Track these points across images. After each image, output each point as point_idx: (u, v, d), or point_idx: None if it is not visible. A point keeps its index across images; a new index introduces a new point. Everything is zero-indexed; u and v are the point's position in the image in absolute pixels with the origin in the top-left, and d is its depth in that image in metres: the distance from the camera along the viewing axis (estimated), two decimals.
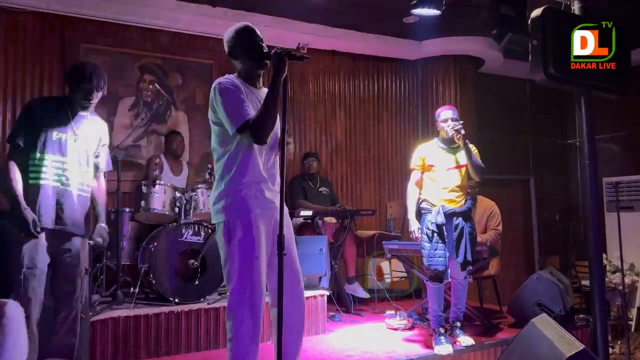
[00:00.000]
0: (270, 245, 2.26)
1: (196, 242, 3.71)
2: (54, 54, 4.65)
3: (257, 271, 2.18)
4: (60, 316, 2.63)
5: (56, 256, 2.62)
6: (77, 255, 2.68)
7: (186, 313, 3.46)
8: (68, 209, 2.62)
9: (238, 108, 2.17)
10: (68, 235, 2.64)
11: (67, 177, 2.62)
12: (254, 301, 2.18)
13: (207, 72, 5.29)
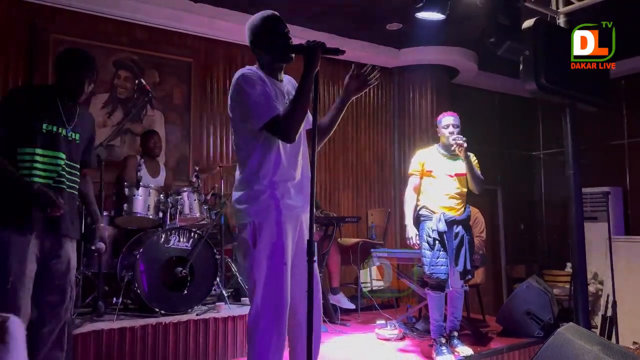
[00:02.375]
0: (294, 249, 2.10)
1: (183, 249, 3.48)
2: (22, 43, 4.30)
3: (285, 278, 2.02)
4: (45, 330, 2.36)
5: (44, 263, 2.35)
6: (67, 261, 2.42)
7: (174, 325, 3.22)
8: (65, 210, 2.37)
9: (265, 103, 2.01)
10: (59, 238, 2.39)
11: (59, 174, 2.36)
12: (279, 310, 2.02)
13: (186, 70, 5.06)
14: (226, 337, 3.40)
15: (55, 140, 2.36)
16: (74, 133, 2.44)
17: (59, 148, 2.38)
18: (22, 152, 2.29)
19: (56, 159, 2.36)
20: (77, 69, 2.40)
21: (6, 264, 2.22)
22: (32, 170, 2.30)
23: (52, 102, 2.40)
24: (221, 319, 3.39)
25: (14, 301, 2.23)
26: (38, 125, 2.32)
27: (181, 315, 3.34)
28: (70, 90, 2.41)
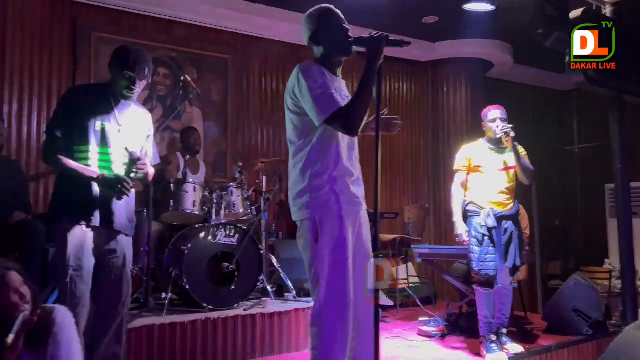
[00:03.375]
0: (353, 245, 2.08)
1: (230, 244, 3.49)
2: (64, 42, 4.37)
3: (348, 273, 2.01)
4: (104, 323, 2.39)
5: (101, 257, 2.38)
6: (123, 256, 2.45)
7: (223, 320, 3.23)
8: (116, 206, 2.39)
9: (326, 96, 1.99)
10: (114, 234, 2.41)
11: (112, 170, 2.39)
12: (343, 306, 2.00)
13: (223, 67, 5.08)
14: (272, 333, 3.40)
15: (108, 138, 2.38)
16: (127, 130, 2.46)
17: (112, 145, 2.39)
18: (78, 150, 2.32)
19: (109, 156, 2.37)
20: (130, 65, 2.41)
21: (65, 258, 2.26)
22: (89, 167, 2.33)
23: (106, 99, 2.41)
24: (268, 314, 3.39)
25: (73, 295, 2.26)
26: (92, 123, 2.35)
27: (228, 310, 3.35)
28: (121, 88, 2.42)
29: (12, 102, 4.11)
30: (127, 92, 2.41)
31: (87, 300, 2.31)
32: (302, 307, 3.54)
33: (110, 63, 2.45)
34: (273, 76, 5.41)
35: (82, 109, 2.34)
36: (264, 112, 5.33)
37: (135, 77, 2.38)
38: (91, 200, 2.31)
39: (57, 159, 2.28)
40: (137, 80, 2.39)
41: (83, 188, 2.30)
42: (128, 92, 2.41)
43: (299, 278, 3.92)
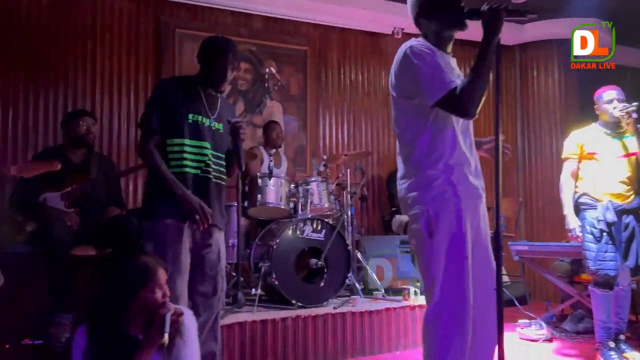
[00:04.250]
0: (472, 242, 1.88)
1: (317, 240, 3.38)
2: (149, 39, 4.43)
3: (466, 272, 1.81)
4: (199, 321, 2.32)
5: (196, 252, 2.33)
6: (217, 251, 2.39)
7: (313, 318, 3.13)
8: (210, 199, 2.32)
9: (438, 75, 1.79)
10: (208, 229, 2.35)
11: (206, 164, 2.32)
12: (461, 308, 1.81)
13: (302, 59, 4.98)
14: (363, 333, 3.25)
15: (200, 131, 2.32)
16: (217, 123, 2.40)
17: (205, 138, 2.33)
18: (172, 143, 2.28)
19: (203, 149, 2.32)
20: (218, 56, 2.34)
21: (163, 253, 2.21)
22: (182, 160, 2.28)
23: (196, 92, 2.36)
24: (358, 313, 3.25)
25: (173, 291, 2.20)
26: (184, 115, 2.29)
27: (318, 308, 3.23)
28: (213, 78, 2.35)
29: (103, 100, 4.22)
30: (218, 83, 2.34)
31: (185, 297, 2.26)
32: (393, 307, 3.37)
33: (199, 54, 2.40)
34: (352, 67, 5.25)
35: (174, 101, 2.30)
36: (343, 105, 5.18)
37: (227, 67, 2.30)
38: (189, 190, 2.25)
39: (152, 158, 2.24)
40: (228, 70, 2.31)
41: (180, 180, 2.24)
42: (220, 82, 2.34)
43: (386, 275, 3.75)
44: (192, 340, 1.83)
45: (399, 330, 3.36)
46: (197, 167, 2.30)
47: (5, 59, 3.91)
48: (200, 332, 2.33)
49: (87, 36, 4.20)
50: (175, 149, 2.27)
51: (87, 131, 3.22)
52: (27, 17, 4.01)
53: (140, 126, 2.35)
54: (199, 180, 2.30)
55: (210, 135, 2.35)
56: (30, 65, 3.99)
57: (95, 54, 4.21)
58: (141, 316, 1.74)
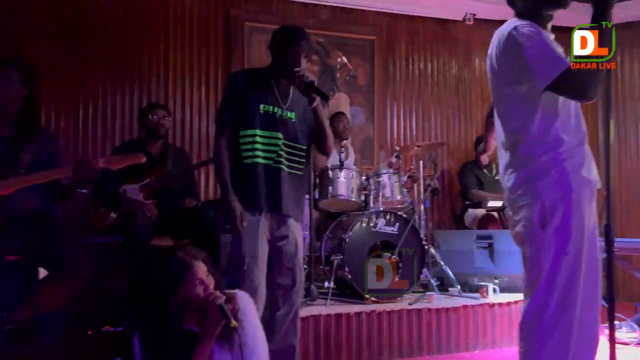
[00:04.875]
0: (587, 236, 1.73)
1: (391, 234, 3.29)
2: (219, 33, 4.47)
3: (580, 269, 1.68)
4: (279, 313, 2.32)
5: (273, 244, 2.31)
6: (295, 243, 2.36)
7: (388, 313, 3.05)
8: (283, 190, 2.29)
9: (549, 54, 1.65)
10: (284, 219, 2.32)
11: (278, 154, 2.29)
12: (570, 307, 1.68)
13: (369, 49, 4.88)
14: (439, 330, 3.14)
15: (272, 121, 2.31)
16: (290, 112, 2.37)
17: (277, 128, 2.31)
18: (244, 135, 2.27)
19: (275, 139, 2.30)
20: (291, 45, 2.29)
21: (240, 245, 2.20)
22: (254, 151, 2.26)
23: (267, 82, 2.35)
24: (434, 309, 3.14)
25: (251, 283, 2.20)
26: (256, 106, 2.28)
27: (392, 303, 3.16)
28: (283, 69, 2.31)
29: (175, 95, 4.31)
30: (291, 72, 2.30)
31: (263, 289, 2.25)
32: (471, 304, 3.24)
33: (271, 44, 2.37)
34: (421, 56, 5.09)
35: (245, 93, 2.30)
36: (412, 94, 5.04)
37: (299, 55, 2.26)
38: (259, 185, 2.24)
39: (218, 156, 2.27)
40: (301, 59, 2.27)
41: (250, 174, 2.24)
42: (293, 72, 2.29)
43: (461, 271, 3.61)
44: (250, 323, 1.79)
45: (477, 328, 3.22)
46: (269, 158, 2.28)
47: (84, 55, 4.05)
48: (280, 325, 2.32)
49: (160, 31, 4.29)
50: (247, 140, 2.27)
51: (158, 123, 3.29)
52: (104, 13, 4.14)
53: (215, 121, 2.38)
54: (270, 170, 2.28)
55: (283, 125, 2.33)
56: (107, 61, 4.12)
57: (168, 48, 4.30)
58: (190, 311, 1.73)
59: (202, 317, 1.69)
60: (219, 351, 1.69)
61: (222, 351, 1.72)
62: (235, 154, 2.29)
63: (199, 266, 1.74)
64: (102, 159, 2.31)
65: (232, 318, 1.64)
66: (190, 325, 1.72)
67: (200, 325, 1.69)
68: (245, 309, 1.80)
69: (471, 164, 4.72)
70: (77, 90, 4.05)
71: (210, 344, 1.66)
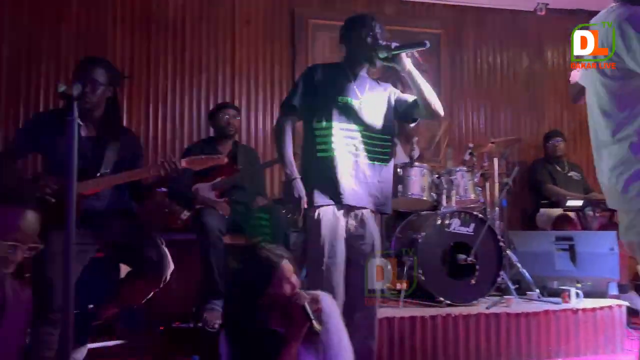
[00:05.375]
0: None
1: (466, 234, 3.16)
2: (283, 31, 4.47)
3: None
4: (356, 316, 2.24)
5: (350, 244, 2.25)
6: (372, 243, 2.29)
7: (464, 317, 2.93)
8: (362, 183, 2.23)
9: None
10: (361, 216, 2.26)
11: (356, 147, 2.23)
12: None
13: (435, 43, 4.70)
14: (519, 336, 2.99)
15: (350, 112, 2.25)
16: (368, 102, 2.31)
17: (355, 120, 2.26)
18: (319, 127, 2.23)
19: (352, 132, 2.24)
20: (369, 30, 2.24)
21: (318, 244, 2.15)
22: (330, 144, 2.21)
23: (344, 74, 2.30)
24: (513, 314, 2.99)
25: (329, 283, 2.15)
26: (333, 98, 2.24)
27: (468, 307, 3.03)
28: (360, 59, 2.27)
29: (241, 95, 4.34)
30: (366, 63, 2.24)
31: (342, 290, 2.19)
32: (553, 309, 3.06)
33: (342, 35, 2.34)
34: (489, 49, 4.89)
35: (323, 84, 2.26)
36: (480, 89, 4.86)
37: (375, 37, 2.20)
38: (337, 178, 2.18)
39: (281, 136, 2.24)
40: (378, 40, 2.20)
41: (327, 167, 2.19)
42: (367, 62, 2.23)
43: (540, 274, 3.43)
44: (334, 326, 1.73)
45: (559, 335, 3.05)
46: (346, 150, 2.23)
47: (154, 55, 4.15)
48: (357, 327, 2.25)
49: (227, 30, 4.33)
50: (323, 132, 2.23)
51: (228, 123, 3.32)
52: (173, 14, 4.22)
53: (281, 106, 2.38)
54: (347, 163, 2.22)
55: (361, 116, 2.27)
56: (176, 61, 4.20)
57: (234, 48, 4.34)
58: (276, 311, 1.69)
59: (286, 317, 1.66)
60: (304, 354, 1.65)
61: (308, 354, 1.68)
62: (310, 146, 2.25)
63: (286, 265, 1.71)
64: (185, 160, 2.34)
65: (316, 320, 1.59)
66: (275, 326, 1.69)
67: (285, 326, 1.66)
68: (329, 311, 1.75)
69: (543, 161, 4.50)
70: (147, 89, 4.15)
71: (296, 345, 1.63)
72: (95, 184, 2.24)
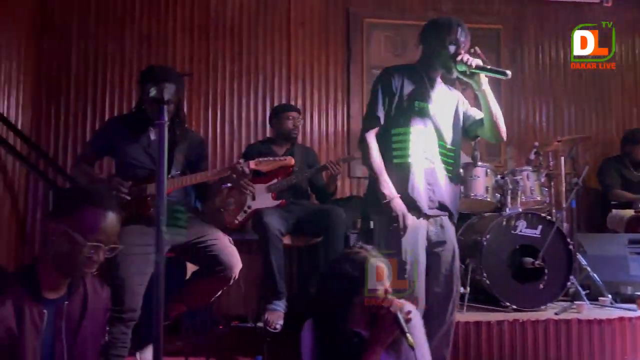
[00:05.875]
0: None
1: (533, 237, 3.05)
2: (338, 33, 4.44)
3: None
4: (433, 323, 2.18)
5: (430, 251, 2.20)
6: (452, 249, 2.24)
7: (532, 323, 2.82)
8: (440, 190, 2.18)
9: None
10: (441, 222, 2.22)
11: (432, 153, 2.20)
12: None
13: (494, 39, 4.60)
14: (592, 344, 2.85)
15: (427, 118, 2.20)
16: (442, 107, 2.27)
17: (431, 125, 2.21)
18: (397, 133, 2.19)
19: (428, 137, 2.20)
20: (446, 35, 2.18)
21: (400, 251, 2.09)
22: (407, 150, 2.16)
23: (419, 78, 2.24)
24: (585, 321, 2.85)
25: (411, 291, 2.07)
26: (410, 104, 2.19)
27: (536, 312, 2.92)
28: (439, 62, 2.21)
29: (297, 96, 4.36)
30: (447, 66, 2.18)
31: (424, 297, 2.12)
32: (628, 316, 2.90)
33: (424, 36, 2.27)
34: (552, 44, 4.70)
35: (401, 89, 2.20)
36: (542, 86, 4.67)
37: (458, 45, 2.13)
38: (415, 186, 2.14)
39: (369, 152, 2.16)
40: (461, 49, 2.14)
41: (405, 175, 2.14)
42: (448, 64, 2.17)
43: (613, 280, 3.26)
44: (420, 339, 1.68)
45: (635, 344, 2.88)
46: (423, 156, 2.18)
47: (213, 59, 4.23)
48: (433, 335, 2.17)
49: (282, 33, 4.35)
50: (400, 139, 2.18)
51: (294, 125, 3.33)
52: (231, 19, 4.28)
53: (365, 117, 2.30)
54: (426, 170, 2.18)
55: (436, 121, 2.22)
56: (234, 64, 4.26)
57: (290, 50, 4.35)
58: (363, 312, 1.66)
59: (372, 321, 1.63)
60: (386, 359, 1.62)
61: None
62: (386, 152, 2.19)
63: (382, 268, 1.68)
64: (253, 162, 2.36)
65: (409, 334, 1.55)
66: (360, 327, 1.67)
67: (370, 329, 1.63)
68: (416, 325, 1.71)
69: (614, 161, 4.25)
70: (207, 93, 4.23)
71: (380, 351, 1.59)
72: (169, 185, 2.29)
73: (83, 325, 1.57)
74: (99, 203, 1.52)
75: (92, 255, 1.49)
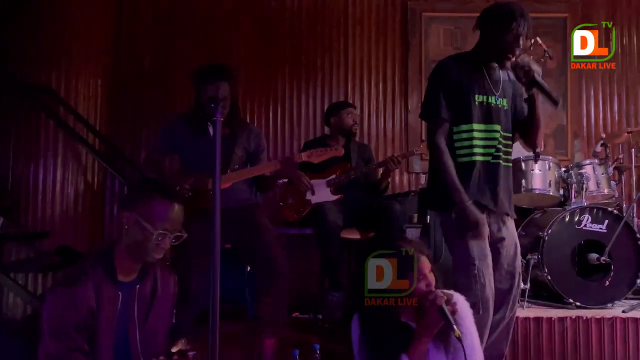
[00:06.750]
0: None
1: (598, 232, 2.93)
2: (396, 28, 4.45)
3: None
4: (495, 318, 2.16)
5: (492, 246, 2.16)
6: (513, 245, 2.21)
7: (597, 321, 2.72)
8: (501, 187, 2.15)
9: None
10: (503, 219, 2.19)
11: (496, 148, 2.14)
12: None
13: (560, 28, 4.43)
14: None
15: (488, 112, 2.13)
16: (502, 99, 2.18)
17: (493, 119, 2.14)
18: (459, 130, 2.13)
19: (492, 132, 2.13)
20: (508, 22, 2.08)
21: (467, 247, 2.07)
22: (472, 148, 2.11)
23: (478, 69, 2.16)
24: None
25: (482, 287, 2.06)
26: (470, 98, 2.11)
27: (602, 310, 2.82)
28: (502, 49, 2.08)
29: (354, 93, 4.41)
30: (508, 54, 2.07)
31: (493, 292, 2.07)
32: None
33: (483, 22, 2.16)
34: (624, 30, 4.45)
35: (459, 84, 2.13)
36: (612, 75, 4.44)
37: (519, 33, 2.06)
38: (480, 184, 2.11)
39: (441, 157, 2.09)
40: (520, 38, 2.07)
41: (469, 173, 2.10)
42: (510, 53, 2.07)
43: None
44: (467, 328, 1.69)
45: None
46: (487, 154, 2.14)
47: (274, 55, 4.37)
48: (494, 330, 2.16)
49: (340, 30, 4.42)
50: (463, 136, 2.13)
51: (354, 122, 3.38)
52: (290, 19, 4.41)
53: (426, 117, 2.23)
54: (489, 167, 2.13)
55: (498, 114, 2.15)
56: (293, 61, 4.38)
57: (347, 47, 4.42)
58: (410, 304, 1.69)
59: (418, 313, 1.67)
60: (434, 351, 1.66)
61: (437, 352, 1.69)
62: (450, 152, 2.11)
63: (425, 261, 1.72)
64: (304, 153, 2.45)
65: (454, 322, 1.58)
66: (407, 319, 1.72)
67: (417, 321, 1.68)
68: (463, 314, 1.72)
69: None
70: (267, 91, 4.38)
71: (427, 342, 1.64)
72: (228, 178, 2.42)
73: (153, 308, 1.72)
74: (166, 195, 1.67)
75: (160, 242, 1.64)
